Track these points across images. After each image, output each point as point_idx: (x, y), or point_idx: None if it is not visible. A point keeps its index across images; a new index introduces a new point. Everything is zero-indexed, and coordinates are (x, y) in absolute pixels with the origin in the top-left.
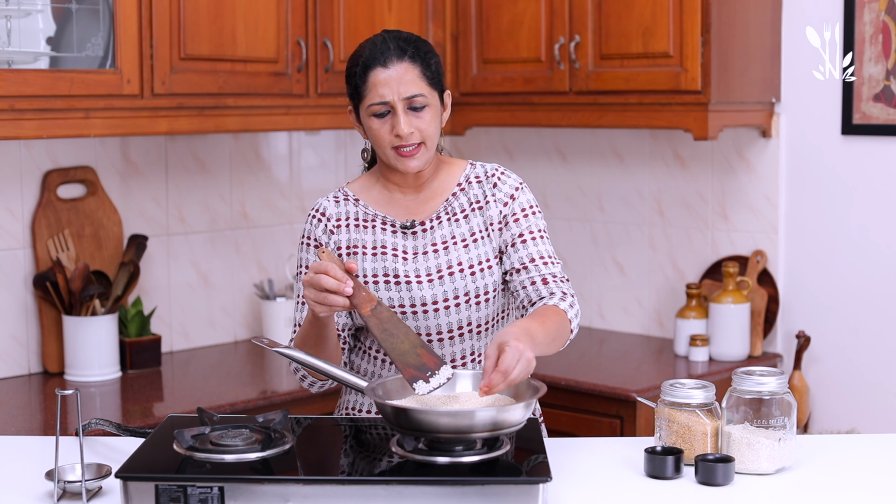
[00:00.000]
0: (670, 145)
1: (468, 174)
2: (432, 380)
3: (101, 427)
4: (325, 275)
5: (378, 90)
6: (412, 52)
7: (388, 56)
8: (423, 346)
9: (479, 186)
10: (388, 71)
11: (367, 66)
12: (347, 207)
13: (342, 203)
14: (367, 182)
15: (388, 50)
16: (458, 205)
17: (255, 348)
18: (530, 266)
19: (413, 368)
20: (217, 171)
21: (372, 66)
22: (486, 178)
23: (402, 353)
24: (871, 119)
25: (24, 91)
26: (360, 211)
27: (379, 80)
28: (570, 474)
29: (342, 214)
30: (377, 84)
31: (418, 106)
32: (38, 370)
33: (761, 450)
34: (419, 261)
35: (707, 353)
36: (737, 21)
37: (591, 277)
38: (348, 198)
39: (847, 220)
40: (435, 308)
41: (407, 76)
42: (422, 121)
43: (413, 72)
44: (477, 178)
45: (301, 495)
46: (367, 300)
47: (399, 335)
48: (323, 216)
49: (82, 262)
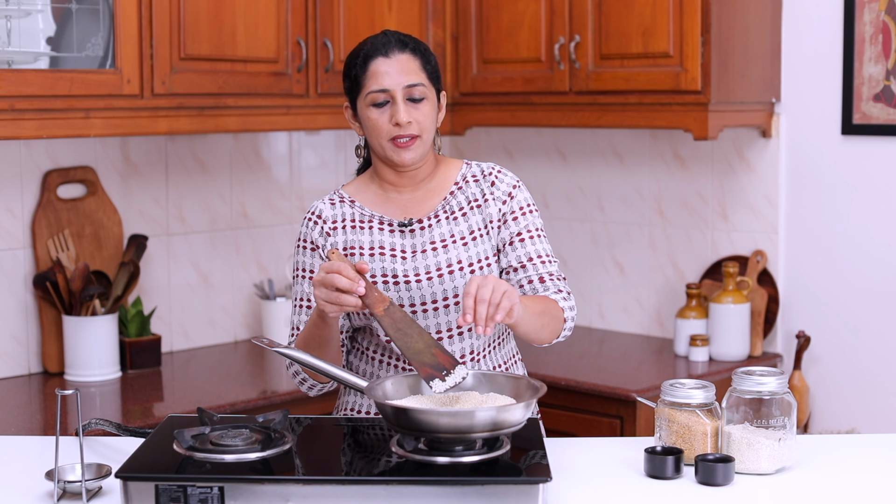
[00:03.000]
0: (670, 145)
1: (465, 173)
2: (448, 378)
3: (101, 427)
4: (339, 274)
5: (378, 79)
6: (413, 46)
7: (390, 47)
8: (437, 345)
9: (477, 185)
10: (389, 60)
11: (368, 56)
12: (343, 209)
13: (338, 205)
14: (361, 183)
15: (390, 43)
16: (456, 203)
17: (255, 348)
18: (528, 265)
19: (429, 367)
20: (217, 171)
21: (373, 57)
22: (483, 177)
23: (417, 351)
24: (871, 119)
25: (24, 91)
26: (357, 212)
27: (380, 70)
28: (570, 474)
29: (338, 216)
30: (378, 73)
31: (417, 97)
32: (38, 370)
33: (761, 450)
34: (418, 259)
35: (707, 353)
36: (737, 21)
37: (591, 277)
38: (344, 200)
39: (847, 220)
40: (434, 307)
41: (408, 66)
42: (420, 112)
43: (413, 62)
44: (474, 176)
45: (301, 495)
46: (379, 300)
47: (413, 334)
48: (319, 219)
49: (82, 262)
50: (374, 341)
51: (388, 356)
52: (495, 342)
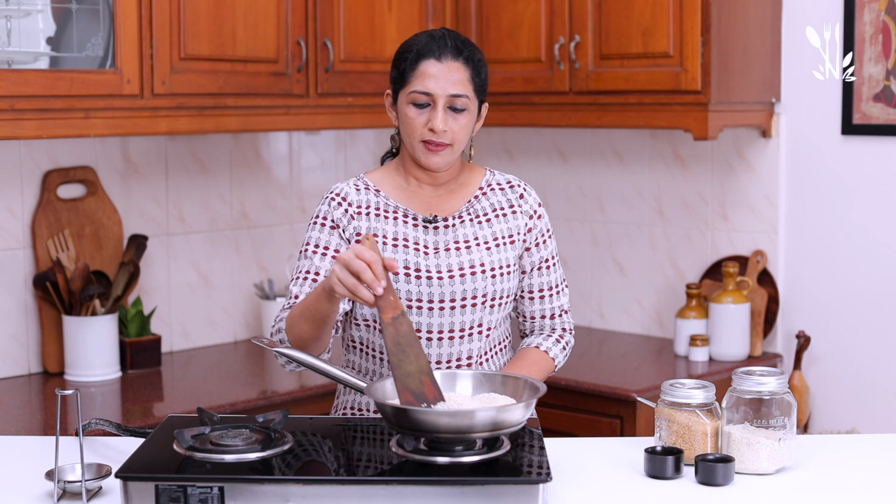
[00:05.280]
0: (670, 145)
1: (489, 180)
2: None
3: (101, 427)
4: (367, 266)
5: (425, 81)
6: (468, 55)
7: (444, 51)
8: (429, 374)
9: (503, 194)
10: (440, 65)
11: (420, 54)
12: (368, 196)
13: (363, 192)
14: (385, 173)
15: (445, 46)
16: (481, 208)
17: (255, 348)
18: (546, 296)
19: (411, 394)
20: (217, 171)
21: (425, 56)
22: (509, 188)
23: (406, 374)
24: (871, 119)
25: (24, 91)
26: (381, 201)
27: (428, 72)
28: (570, 474)
29: (363, 202)
30: (425, 75)
31: (459, 107)
32: (38, 370)
33: (761, 450)
34: (441, 257)
35: (707, 353)
36: (737, 21)
37: (591, 277)
38: (369, 187)
39: (847, 220)
40: (451, 306)
41: (456, 75)
42: (457, 123)
43: (463, 73)
44: (499, 185)
45: (301, 495)
46: (392, 306)
47: (410, 355)
48: (344, 200)
49: (82, 262)
50: (376, 340)
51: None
52: (500, 346)
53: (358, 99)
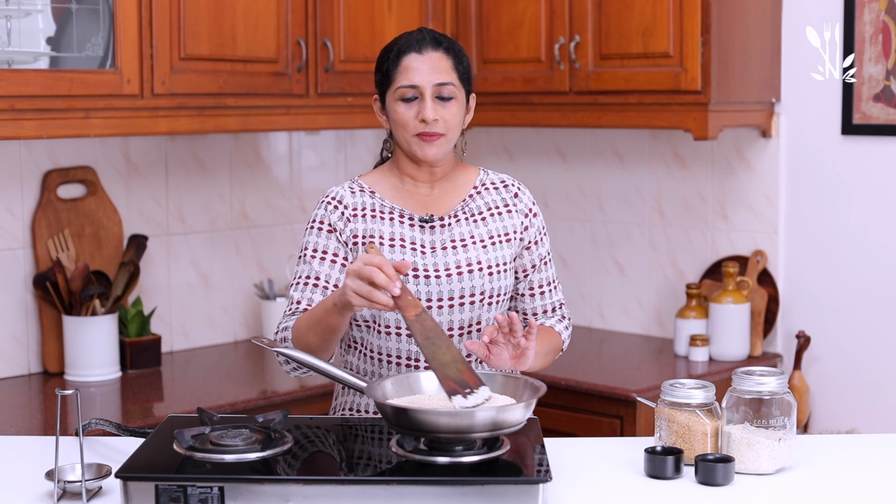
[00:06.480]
0: (670, 145)
1: (483, 179)
2: (471, 397)
3: (101, 427)
4: (378, 269)
5: (409, 74)
6: (447, 45)
7: (424, 44)
8: (463, 361)
9: (497, 193)
10: (421, 57)
11: (401, 51)
12: (364, 199)
13: (358, 194)
14: (380, 175)
15: (424, 40)
16: (476, 206)
17: (255, 348)
18: (546, 291)
19: (453, 381)
20: (217, 171)
21: (406, 52)
22: (503, 187)
23: (443, 364)
24: (871, 119)
25: (24, 91)
26: (377, 203)
27: (411, 66)
28: (570, 474)
29: (358, 205)
30: (409, 69)
31: (446, 96)
32: (38, 370)
33: (761, 450)
34: (438, 255)
35: (707, 353)
36: (737, 21)
37: (591, 277)
38: (364, 190)
39: (847, 220)
40: (450, 304)
41: (440, 64)
42: (447, 111)
43: (446, 61)
44: (493, 184)
45: (301, 495)
46: (412, 304)
47: (441, 346)
48: (340, 203)
49: (82, 262)
50: (374, 340)
51: (388, 355)
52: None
53: (358, 99)
